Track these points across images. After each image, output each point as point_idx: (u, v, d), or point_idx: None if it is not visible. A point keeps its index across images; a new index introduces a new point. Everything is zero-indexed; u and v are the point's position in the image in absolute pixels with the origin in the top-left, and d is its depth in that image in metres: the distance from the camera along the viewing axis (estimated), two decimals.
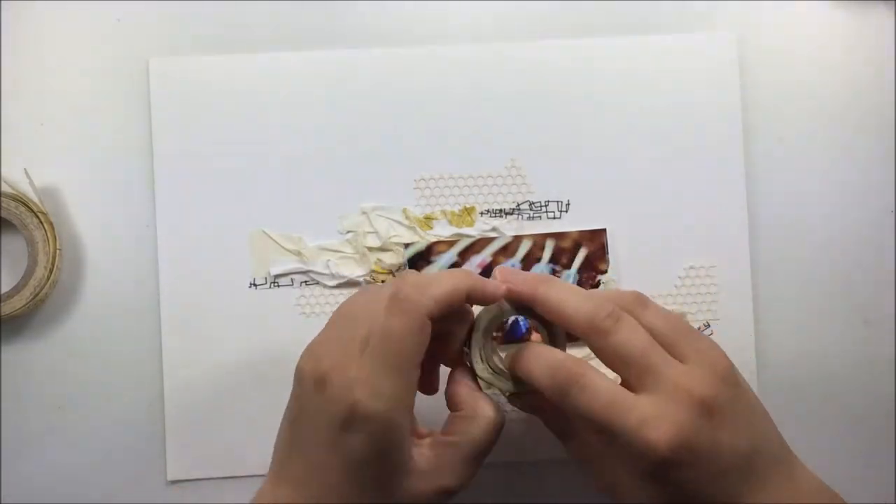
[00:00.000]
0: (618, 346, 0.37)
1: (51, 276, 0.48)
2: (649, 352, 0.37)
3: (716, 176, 0.49)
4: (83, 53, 0.50)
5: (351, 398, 0.36)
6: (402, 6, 0.51)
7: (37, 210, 0.48)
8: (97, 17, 0.50)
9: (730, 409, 0.36)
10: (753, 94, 0.50)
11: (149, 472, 0.49)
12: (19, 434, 0.49)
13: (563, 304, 0.38)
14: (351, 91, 0.50)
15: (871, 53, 0.51)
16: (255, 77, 0.50)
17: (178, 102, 0.50)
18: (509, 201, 0.50)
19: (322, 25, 0.50)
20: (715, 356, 0.38)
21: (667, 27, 0.50)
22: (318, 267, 0.49)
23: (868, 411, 0.50)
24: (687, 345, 0.37)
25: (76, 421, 0.49)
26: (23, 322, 0.49)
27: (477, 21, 0.51)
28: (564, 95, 0.50)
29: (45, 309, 0.49)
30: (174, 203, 0.49)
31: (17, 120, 0.50)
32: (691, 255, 0.49)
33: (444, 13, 0.51)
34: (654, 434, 0.35)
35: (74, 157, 0.50)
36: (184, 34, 0.50)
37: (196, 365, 0.49)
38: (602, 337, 0.37)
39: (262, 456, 0.49)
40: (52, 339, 0.49)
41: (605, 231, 0.49)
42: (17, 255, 0.49)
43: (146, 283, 0.49)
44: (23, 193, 0.48)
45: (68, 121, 0.50)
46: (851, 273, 0.49)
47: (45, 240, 0.48)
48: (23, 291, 0.48)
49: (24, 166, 0.49)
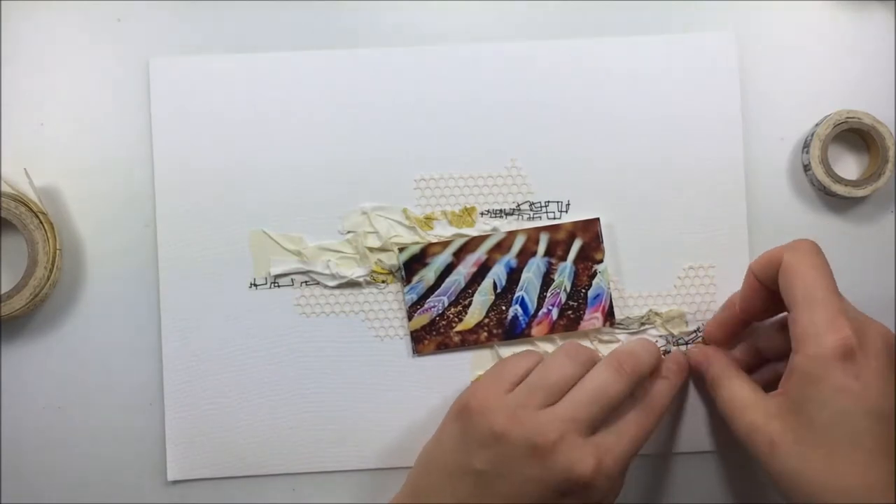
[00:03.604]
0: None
1: (51, 276, 0.48)
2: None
3: (716, 176, 0.49)
4: (83, 53, 0.50)
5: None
6: (402, 6, 0.51)
7: (37, 210, 0.48)
8: (97, 17, 0.50)
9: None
10: (754, 93, 0.50)
11: (149, 473, 0.49)
12: (19, 434, 0.49)
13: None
14: (351, 91, 0.50)
15: (871, 53, 0.51)
16: (255, 77, 0.50)
17: (178, 102, 0.50)
18: (510, 202, 0.50)
19: (322, 25, 0.50)
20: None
21: (666, 27, 0.50)
22: (318, 267, 0.49)
23: None
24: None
25: (76, 421, 0.49)
26: (23, 322, 0.49)
27: (477, 21, 0.51)
28: (565, 96, 0.50)
29: (45, 309, 0.49)
30: (174, 203, 0.49)
31: (17, 120, 0.50)
32: (690, 255, 0.49)
33: (444, 13, 0.51)
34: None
35: (74, 157, 0.50)
36: (184, 34, 0.50)
37: (196, 365, 0.49)
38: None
39: (262, 456, 0.49)
40: (52, 339, 0.49)
41: (598, 220, 0.49)
42: (17, 255, 0.49)
43: (146, 284, 0.49)
44: (23, 193, 0.48)
45: (68, 121, 0.50)
46: (849, 272, 0.48)
47: (45, 240, 0.48)
48: (23, 291, 0.47)
49: (24, 166, 0.49)
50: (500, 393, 0.43)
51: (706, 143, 0.50)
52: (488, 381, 0.45)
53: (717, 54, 0.50)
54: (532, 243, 0.49)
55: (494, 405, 0.42)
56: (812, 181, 0.49)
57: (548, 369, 0.44)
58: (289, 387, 0.49)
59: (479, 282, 0.49)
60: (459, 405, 0.44)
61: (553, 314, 0.49)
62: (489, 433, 0.41)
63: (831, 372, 0.39)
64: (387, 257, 0.49)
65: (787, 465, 0.39)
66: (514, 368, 0.45)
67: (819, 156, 0.48)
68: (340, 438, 0.49)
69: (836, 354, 0.39)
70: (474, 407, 0.43)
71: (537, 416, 0.42)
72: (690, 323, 0.49)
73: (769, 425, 0.40)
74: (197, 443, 0.49)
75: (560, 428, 0.41)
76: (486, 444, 0.42)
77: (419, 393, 0.49)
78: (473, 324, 0.49)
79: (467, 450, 0.42)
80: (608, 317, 0.49)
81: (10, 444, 0.49)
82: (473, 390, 0.44)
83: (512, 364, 0.45)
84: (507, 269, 0.49)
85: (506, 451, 0.41)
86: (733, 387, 0.44)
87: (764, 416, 0.41)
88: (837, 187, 0.48)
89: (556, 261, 0.49)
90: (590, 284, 0.49)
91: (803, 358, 0.40)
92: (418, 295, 0.49)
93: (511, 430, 0.41)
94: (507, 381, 0.44)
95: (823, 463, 0.39)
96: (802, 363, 0.40)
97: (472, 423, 0.42)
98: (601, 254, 0.49)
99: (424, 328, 0.49)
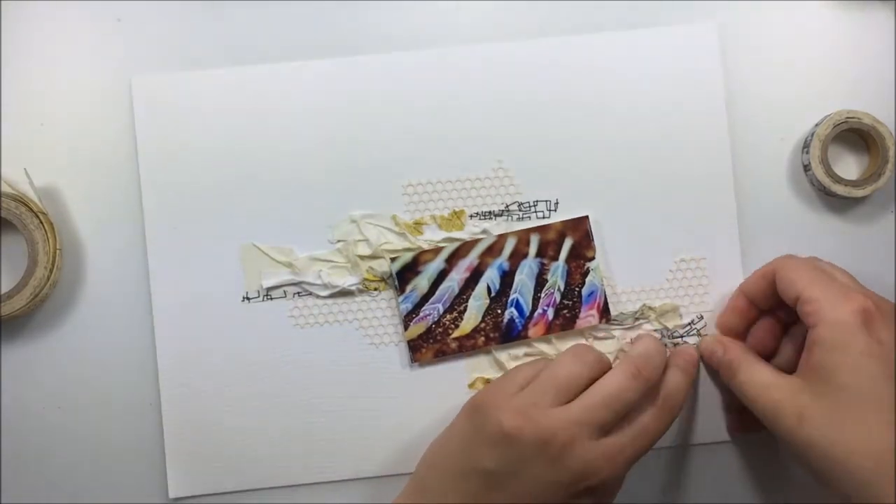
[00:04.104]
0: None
1: (51, 276, 0.47)
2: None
3: (704, 170, 0.50)
4: (83, 53, 0.50)
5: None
6: (383, 13, 0.50)
7: (37, 210, 0.48)
8: (97, 16, 0.50)
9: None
10: (754, 94, 0.50)
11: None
12: (19, 434, 0.49)
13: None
14: (334, 99, 0.49)
15: (871, 53, 0.51)
16: (239, 88, 0.49)
17: (162, 118, 0.49)
18: (498, 203, 0.50)
19: (305, 35, 0.50)
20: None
21: (650, 22, 0.50)
22: (310, 277, 0.49)
23: None
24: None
25: (76, 421, 0.49)
26: (23, 322, 0.49)
27: (458, 23, 0.50)
28: (549, 94, 0.50)
29: (45, 309, 0.49)
30: (164, 219, 0.49)
31: (17, 120, 0.50)
32: (682, 248, 0.50)
33: (424, 17, 0.50)
34: None
35: (74, 157, 0.50)
36: (163, 51, 0.50)
37: (192, 381, 0.49)
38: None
39: (260, 468, 0.49)
40: (52, 339, 0.49)
41: (588, 218, 0.49)
42: (17, 255, 0.49)
43: (146, 283, 0.49)
44: (23, 193, 0.48)
45: (68, 121, 0.50)
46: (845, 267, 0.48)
47: (45, 240, 0.47)
48: (23, 291, 0.47)
49: (24, 166, 0.49)
50: (511, 393, 0.43)
51: (694, 137, 0.50)
52: (499, 384, 0.45)
53: (700, 46, 0.50)
54: (523, 245, 0.49)
55: (504, 404, 0.42)
56: (812, 181, 0.49)
57: (556, 369, 0.44)
58: (285, 398, 0.49)
59: (472, 287, 0.49)
60: (470, 404, 0.44)
61: (549, 314, 0.49)
62: (499, 432, 0.41)
63: (857, 337, 0.40)
64: (378, 264, 0.49)
65: (817, 436, 0.40)
66: (524, 372, 0.45)
67: (819, 156, 0.48)
68: (339, 448, 0.49)
69: (858, 320, 0.40)
70: (484, 405, 0.43)
71: (548, 416, 0.41)
72: (684, 316, 0.50)
73: (796, 399, 0.41)
74: (196, 459, 0.49)
75: (572, 430, 0.41)
76: (495, 443, 0.41)
77: (416, 399, 0.49)
78: (470, 329, 0.49)
79: (477, 448, 0.42)
80: (604, 314, 0.49)
81: (10, 445, 0.49)
82: (485, 391, 0.44)
83: (522, 369, 0.46)
84: (500, 273, 0.49)
85: (516, 451, 0.41)
86: (753, 370, 0.44)
87: (789, 392, 0.42)
88: (837, 187, 0.48)
89: (549, 261, 0.49)
90: (583, 282, 0.49)
91: (825, 328, 0.41)
92: (413, 304, 0.49)
93: (522, 429, 0.41)
94: (518, 385, 0.44)
95: (855, 428, 0.39)
96: (825, 333, 0.41)
97: (482, 422, 0.42)
98: (592, 251, 0.49)
99: (421, 336, 0.49)
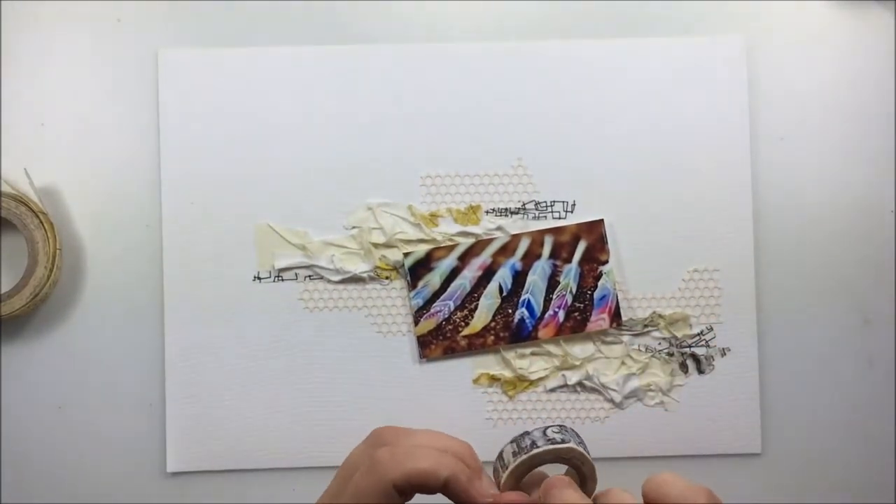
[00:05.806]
0: None
1: (51, 276, 0.47)
2: None
3: (722, 180, 0.49)
4: (84, 53, 0.50)
5: None
6: (411, 4, 0.50)
7: (37, 210, 0.47)
8: (97, 16, 0.50)
9: None
10: (758, 95, 0.50)
11: (148, 465, 0.49)
12: (19, 433, 0.49)
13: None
14: (360, 87, 0.49)
15: (871, 53, 0.50)
16: (264, 71, 0.49)
17: (187, 93, 0.49)
18: (515, 200, 0.49)
19: (331, 21, 0.50)
20: None
21: (671, 28, 0.50)
22: (322, 262, 0.49)
23: (868, 411, 0.50)
24: None
25: (76, 420, 0.49)
26: (23, 322, 0.49)
27: (487, 19, 0.50)
28: (572, 96, 0.49)
29: (45, 309, 0.49)
30: (180, 196, 0.49)
31: (17, 120, 0.49)
32: (695, 258, 0.50)
33: (453, 12, 0.50)
34: None
35: (74, 157, 0.49)
36: (190, 28, 0.50)
37: (198, 358, 0.49)
38: None
39: (263, 449, 0.49)
40: (52, 339, 0.49)
41: (603, 221, 0.49)
42: (17, 255, 0.49)
43: (147, 282, 0.49)
44: (23, 193, 0.48)
45: (68, 121, 0.49)
46: (852, 273, 0.49)
47: (45, 240, 0.47)
48: (23, 291, 0.47)
49: (24, 166, 0.49)
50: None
51: (713, 145, 0.49)
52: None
53: (727, 58, 0.49)
54: (537, 246, 0.49)
55: None
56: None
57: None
58: (290, 380, 0.49)
59: (484, 285, 0.49)
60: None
61: (559, 316, 0.49)
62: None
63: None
64: (391, 253, 0.49)
65: None
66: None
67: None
68: (341, 433, 0.49)
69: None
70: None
71: None
72: (694, 326, 0.50)
73: None
74: (197, 435, 0.49)
75: None
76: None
77: (419, 390, 0.49)
78: (480, 327, 0.49)
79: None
80: (615, 318, 0.49)
81: (10, 444, 0.49)
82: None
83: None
84: (513, 272, 0.49)
85: None
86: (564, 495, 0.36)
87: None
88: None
89: (562, 263, 0.49)
90: (595, 286, 0.49)
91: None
92: (424, 300, 0.49)
93: None
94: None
95: None
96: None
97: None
98: (606, 255, 0.49)
99: (431, 332, 0.49)
